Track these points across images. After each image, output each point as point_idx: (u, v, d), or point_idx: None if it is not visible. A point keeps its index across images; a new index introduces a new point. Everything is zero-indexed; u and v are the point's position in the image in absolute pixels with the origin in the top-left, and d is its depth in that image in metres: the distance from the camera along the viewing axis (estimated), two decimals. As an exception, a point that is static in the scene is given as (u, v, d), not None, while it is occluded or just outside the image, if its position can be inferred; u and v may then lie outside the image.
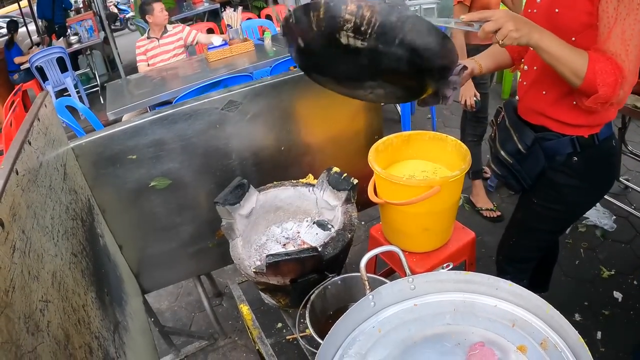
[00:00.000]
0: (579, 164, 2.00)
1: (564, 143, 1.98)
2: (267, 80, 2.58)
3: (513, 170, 2.15)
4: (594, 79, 1.67)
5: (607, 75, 1.66)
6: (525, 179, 2.14)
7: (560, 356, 1.23)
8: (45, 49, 8.31)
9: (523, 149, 2.07)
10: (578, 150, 1.97)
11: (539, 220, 2.28)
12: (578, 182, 2.05)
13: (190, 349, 3.36)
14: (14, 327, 1.00)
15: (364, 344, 1.39)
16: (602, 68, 1.66)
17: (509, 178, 2.20)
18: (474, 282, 1.47)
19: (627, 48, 1.64)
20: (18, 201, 1.30)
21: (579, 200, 2.17)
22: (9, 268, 1.08)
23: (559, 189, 2.09)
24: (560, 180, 2.07)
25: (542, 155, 2.05)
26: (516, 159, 2.12)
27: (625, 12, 1.62)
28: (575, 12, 1.75)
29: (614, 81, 1.65)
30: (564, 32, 1.77)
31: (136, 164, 2.44)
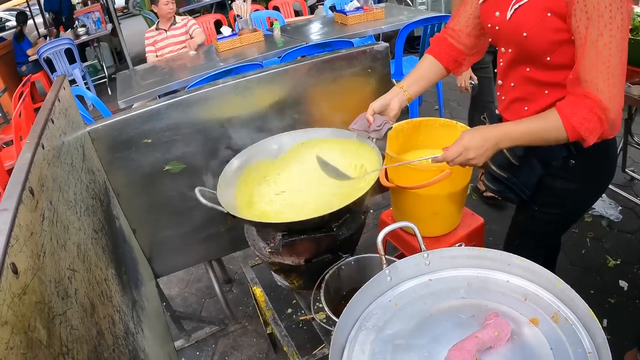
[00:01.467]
0: (577, 167, 1.92)
1: (558, 148, 1.86)
2: (280, 67, 2.60)
3: (509, 184, 2.06)
4: (576, 133, 1.61)
5: (588, 122, 1.59)
6: (524, 190, 2.06)
7: (572, 329, 1.25)
8: (53, 41, 8.35)
9: (515, 161, 1.99)
10: (574, 152, 1.87)
11: (542, 225, 2.20)
12: (577, 185, 1.97)
13: (201, 334, 3.40)
14: (46, 290, 1.03)
15: (381, 317, 1.41)
16: (579, 118, 1.60)
17: (506, 192, 2.10)
18: (486, 258, 1.50)
19: (607, 70, 1.53)
20: (45, 173, 1.34)
21: (581, 202, 2.11)
22: (39, 234, 1.11)
23: (560, 194, 2.01)
24: (559, 185, 1.99)
25: (537, 163, 1.97)
26: (510, 172, 2.03)
27: (597, 31, 1.50)
28: (545, 32, 1.66)
29: (596, 122, 1.59)
30: (537, 54, 1.73)
31: (151, 148, 2.46)
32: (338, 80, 2.73)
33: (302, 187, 2.39)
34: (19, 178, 1.14)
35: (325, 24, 6.07)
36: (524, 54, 1.78)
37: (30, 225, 1.07)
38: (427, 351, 1.26)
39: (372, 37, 5.73)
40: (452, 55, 2.14)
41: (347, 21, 5.71)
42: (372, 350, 1.31)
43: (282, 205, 2.29)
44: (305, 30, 5.97)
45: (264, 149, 2.45)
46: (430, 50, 2.18)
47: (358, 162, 2.36)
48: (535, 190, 2.04)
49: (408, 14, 5.91)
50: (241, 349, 3.28)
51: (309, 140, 2.48)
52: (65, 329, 1.07)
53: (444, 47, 2.14)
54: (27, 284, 0.93)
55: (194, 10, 11.13)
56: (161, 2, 5.34)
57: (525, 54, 1.77)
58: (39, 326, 0.92)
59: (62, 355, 1.00)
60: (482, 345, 1.20)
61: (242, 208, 2.19)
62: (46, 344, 0.93)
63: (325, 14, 7.03)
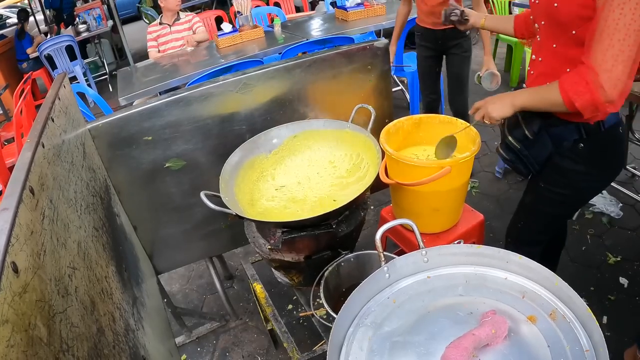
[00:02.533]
0: (585, 151, 2.01)
1: (570, 130, 1.99)
2: (281, 64, 2.60)
3: (521, 155, 2.15)
4: (568, 97, 1.71)
5: (576, 85, 1.69)
6: (533, 164, 2.15)
7: (569, 326, 1.26)
8: (54, 38, 8.35)
9: (530, 135, 2.08)
10: (584, 136, 1.97)
11: (547, 204, 2.28)
12: (584, 167, 2.05)
13: (202, 330, 3.41)
14: (47, 288, 1.04)
15: (380, 314, 1.42)
16: (570, 82, 1.71)
17: (517, 163, 2.19)
18: (484, 256, 1.50)
19: (610, 43, 1.60)
20: (45, 172, 1.35)
21: (586, 185, 2.17)
22: (40, 232, 1.12)
23: (566, 174, 2.10)
24: (566, 165, 2.07)
25: (549, 141, 2.07)
26: (524, 145, 2.12)
27: (610, 8, 1.58)
28: (572, 6, 1.74)
29: (584, 87, 1.67)
30: (564, 25, 1.82)
31: (152, 145, 2.47)
32: (338, 76, 2.74)
33: (301, 180, 2.41)
34: (19, 177, 1.15)
35: (326, 20, 6.07)
36: (553, 26, 1.88)
37: (31, 224, 1.08)
38: (425, 348, 1.26)
39: (373, 33, 5.74)
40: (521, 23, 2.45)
41: (348, 17, 5.71)
42: (370, 346, 1.32)
43: (284, 200, 2.31)
44: (306, 27, 5.98)
45: (258, 144, 2.48)
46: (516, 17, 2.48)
47: (354, 151, 2.38)
48: (543, 166, 2.14)
49: (409, 9, 5.90)
50: (242, 345, 3.29)
51: (301, 133, 2.51)
52: (65, 326, 1.08)
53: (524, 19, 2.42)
54: (28, 282, 0.94)
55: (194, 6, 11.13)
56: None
57: (554, 26, 1.87)
58: (39, 324, 0.93)
59: (62, 352, 1.01)
60: (479, 343, 1.20)
61: (245, 207, 2.20)
62: (46, 342, 0.94)
63: (326, 10, 7.04)
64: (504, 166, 4.51)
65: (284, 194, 2.37)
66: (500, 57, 7.20)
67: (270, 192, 2.38)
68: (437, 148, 2.33)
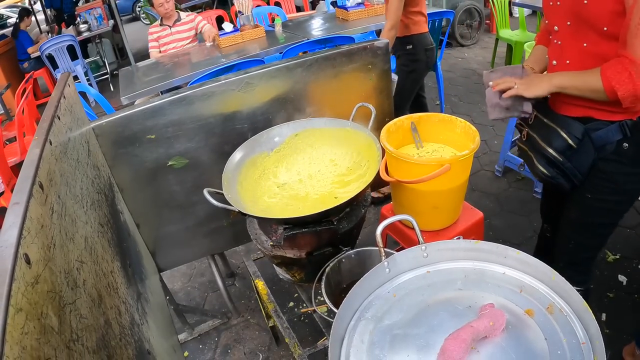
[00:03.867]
0: (631, 150, 1.92)
1: (613, 130, 1.91)
2: (282, 63, 2.63)
3: (563, 168, 2.03)
4: (610, 85, 1.70)
5: (619, 75, 1.68)
6: (576, 175, 2.04)
7: (566, 320, 1.28)
8: (55, 37, 8.37)
9: (574, 143, 1.97)
10: (628, 135, 1.89)
11: (596, 215, 2.17)
12: (631, 168, 1.97)
13: (204, 327, 3.44)
14: (57, 280, 1.07)
15: (380, 308, 1.45)
16: (613, 70, 1.70)
17: (559, 178, 2.07)
18: (483, 251, 1.53)
19: None
20: (53, 169, 1.37)
21: (632, 187, 2.05)
22: (49, 227, 1.15)
23: (613, 178, 2.00)
24: (612, 169, 1.98)
25: (591, 147, 1.97)
26: (566, 156, 2.01)
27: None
28: (606, 2, 1.70)
29: (627, 77, 1.67)
30: (594, 23, 1.78)
31: (155, 144, 2.49)
32: (339, 76, 2.77)
33: (302, 177, 2.44)
34: (29, 173, 1.18)
35: (327, 20, 6.09)
36: (581, 25, 1.84)
37: (41, 218, 1.11)
38: (425, 340, 1.28)
39: (374, 33, 5.75)
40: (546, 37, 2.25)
41: (349, 17, 5.73)
42: (371, 339, 1.34)
43: (285, 197, 2.33)
44: (307, 26, 6.00)
45: (260, 143, 2.50)
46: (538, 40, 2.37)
47: (355, 150, 2.40)
48: (587, 176, 2.05)
49: (410, 9, 5.92)
50: (244, 342, 3.31)
51: (303, 131, 2.54)
52: (75, 317, 1.11)
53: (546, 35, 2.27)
54: (39, 273, 0.97)
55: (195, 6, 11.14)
56: (156, 3, 5.33)
57: (583, 24, 1.83)
58: (50, 314, 0.96)
59: (72, 342, 1.03)
60: (477, 335, 1.23)
61: (247, 204, 2.22)
62: (58, 331, 0.97)
63: (326, 10, 7.06)
64: (504, 164, 4.53)
65: (286, 191, 2.39)
66: (501, 57, 7.23)
67: (272, 189, 2.40)
68: None
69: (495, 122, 5.65)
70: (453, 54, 8.14)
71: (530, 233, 3.83)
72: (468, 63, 7.73)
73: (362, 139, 2.35)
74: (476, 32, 8.60)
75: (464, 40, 8.49)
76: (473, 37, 8.60)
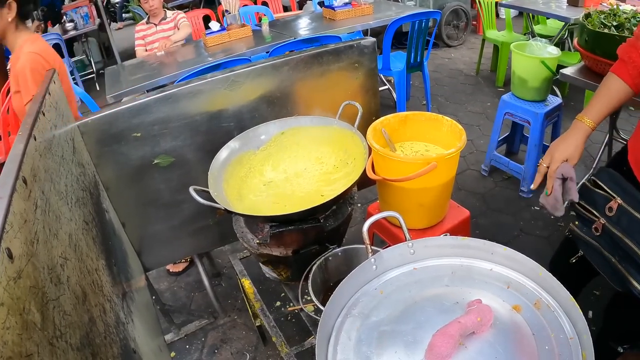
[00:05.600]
0: None
1: None
2: (268, 61, 2.62)
3: None
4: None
5: None
6: None
7: (553, 315, 1.29)
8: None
9: None
10: None
11: None
12: None
13: (190, 327, 3.43)
14: (40, 275, 1.06)
15: (367, 305, 1.44)
16: None
17: None
18: (470, 247, 1.53)
19: None
20: (37, 164, 1.36)
21: None
22: (32, 222, 1.14)
23: None
24: None
25: None
26: None
27: None
28: None
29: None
30: None
31: (140, 142, 2.47)
32: (325, 74, 2.76)
33: (289, 175, 2.44)
34: (13, 168, 1.17)
35: (314, 20, 6.09)
36: None
37: (24, 213, 1.10)
38: (412, 337, 1.28)
39: (361, 33, 5.76)
40: None
41: (336, 17, 5.74)
42: (359, 336, 1.34)
43: (271, 195, 2.33)
44: (294, 26, 5.99)
45: (246, 141, 2.50)
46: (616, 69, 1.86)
47: (341, 148, 2.40)
48: None
49: (396, 9, 5.93)
50: (230, 341, 3.31)
51: (289, 129, 2.53)
52: (58, 313, 1.09)
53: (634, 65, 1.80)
54: (22, 268, 0.95)
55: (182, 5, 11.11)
56: (142, 0, 5.34)
57: None
58: (33, 309, 0.95)
59: (55, 338, 1.02)
60: (465, 330, 1.23)
61: (233, 202, 2.22)
62: (40, 327, 0.96)
63: (313, 10, 7.06)
64: (490, 164, 4.55)
65: (272, 189, 2.39)
66: (487, 57, 7.26)
67: (258, 187, 2.40)
68: None
69: (482, 122, 5.68)
70: (440, 55, 8.17)
71: (516, 231, 3.85)
72: (455, 63, 7.75)
73: (349, 137, 2.35)
74: (463, 33, 8.63)
75: (450, 40, 8.51)
76: (460, 37, 8.63)
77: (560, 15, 5.39)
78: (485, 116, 5.81)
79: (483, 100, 6.21)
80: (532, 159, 4.08)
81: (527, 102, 4.05)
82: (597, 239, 1.81)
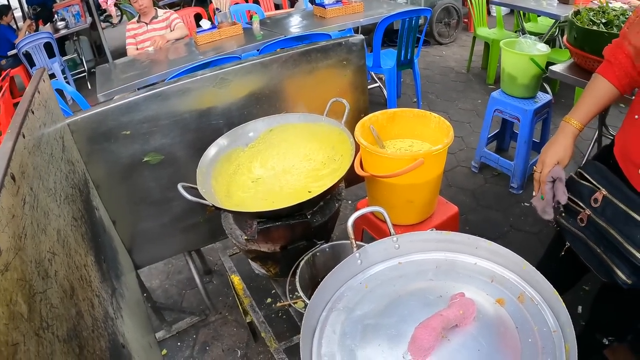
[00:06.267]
0: None
1: None
2: (257, 59, 2.63)
3: None
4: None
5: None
6: None
7: (537, 308, 1.31)
8: (32, 35, 8.30)
9: None
10: None
11: None
12: None
13: (182, 324, 3.44)
14: (27, 269, 1.08)
15: (352, 299, 1.46)
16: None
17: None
18: (454, 242, 1.55)
19: None
20: (25, 161, 1.38)
21: None
22: (21, 217, 1.16)
23: None
24: None
25: None
26: None
27: None
28: None
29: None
30: None
31: (130, 140, 2.48)
32: (314, 71, 2.78)
33: (277, 172, 2.45)
34: (1, 165, 1.18)
35: (305, 17, 6.11)
36: None
37: (12, 208, 1.11)
38: (396, 330, 1.30)
39: (351, 30, 5.78)
40: (629, 75, 1.80)
41: (326, 14, 5.75)
42: (343, 330, 1.36)
43: (260, 192, 2.34)
44: (285, 24, 6.01)
45: (234, 138, 2.51)
46: (602, 70, 1.87)
47: (329, 144, 2.41)
48: None
49: (387, 7, 5.95)
50: (222, 338, 3.32)
51: (277, 127, 2.55)
52: (45, 306, 1.11)
53: (620, 66, 1.80)
54: (9, 261, 0.97)
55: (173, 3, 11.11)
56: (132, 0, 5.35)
57: None
58: (20, 301, 0.97)
59: (42, 329, 1.04)
60: (447, 323, 1.24)
61: (222, 199, 2.23)
62: (27, 318, 0.98)
63: (304, 7, 7.07)
64: (480, 161, 4.57)
65: (260, 186, 2.40)
66: (478, 55, 7.27)
67: (246, 184, 2.41)
68: None
69: (472, 119, 5.70)
70: (431, 52, 8.18)
71: (506, 228, 3.88)
72: (446, 61, 7.77)
73: (336, 133, 2.37)
74: (454, 31, 8.65)
75: (442, 38, 8.53)
76: (451, 35, 8.65)
77: (551, 13, 5.42)
78: (475, 113, 5.83)
79: (474, 98, 6.23)
80: (522, 155, 4.10)
81: (517, 99, 4.07)
82: (583, 229, 1.85)
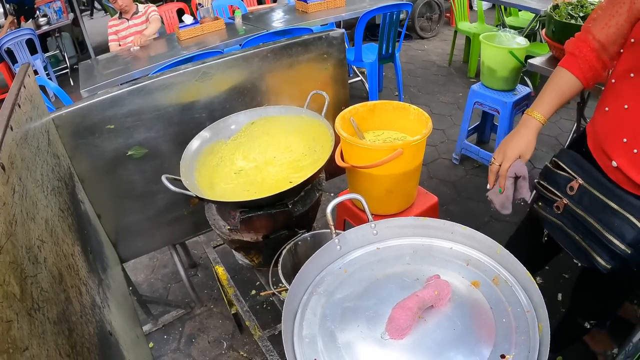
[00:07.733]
0: None
1: None
2: (239, 53, 2.67)
3: (631, 262, 1.68)
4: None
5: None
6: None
7: (511, 290, 1.37)
8: (14, 31, 8.26)
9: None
10: None
11: None
12: None
13: (167, 317, 3.48)
14: (19, 253, 1.12)
15: (332, 283, 1.51)
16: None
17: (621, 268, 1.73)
18: (431, 227, 1.61)
19: None
20: (14, 153, 1.41)
21: None
22: (11, 205, 1.20)
23: None
24: None
25: None
26: (636, 249, 1.64)
27: None
28: None
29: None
30: None
31: (114, 134, 2.51)
32: (295, 65, 2.82)
33: (259, 164, 2.49)
34: (-10, 155, 1.22)
35: (287, 12, 6.14)
36: None
37: (3, 196, 1.16)
38: (374, 312, 1.35)
39: (334, 25, 5.81)
40: (594, 68, 1.80)
41: (308, 9, 5.79)
42: (323, 312, 1.40)
43: (242, 183, 2.39)
44: (267, 18, 6.04)
45: (217, 131, 2.55)
46: (566, 63, 1.86)
47: (309, 136, 2.46)
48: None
49: (369, 1, 5.99)
50: (207, 330, 3.36)
51: (259, 119, 2.59)
52: (36, 289, 1.16)
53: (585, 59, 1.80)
54: (2, 245, 1.01)
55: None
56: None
57: None
58: (12, 282, 1.01)
59: (34, 310, 1.08)
60: (423, 304, 1.29)
61: (205, 190, 2.27)
62: (19, 298, 1.02)
63: (287, 2, 7.09)
64: (461, 152, 4.62)
65: (243, 177, 2.44)
66: (459, 49, 7.33)
67: (229, 176, 2.45)
68: None
69: (453, 112, 5.76)
70: (413, 46, 8.24)
71: (486, 218, 3.94)
72: (428, 55, 7.83)
73: (317, 125, 2.41)
74: (436, 25, 8.71)
75: (424, 32, 8.59)
76: (433, 29, 8.71)
77: (531, 7, 5.47)
78: (457, 106, 5.89)
79: (455, 91, 6.30)
80: (501, 147, 4.15)
81: (496, 92, 4.14)
82: (560, 217, 1.85)
